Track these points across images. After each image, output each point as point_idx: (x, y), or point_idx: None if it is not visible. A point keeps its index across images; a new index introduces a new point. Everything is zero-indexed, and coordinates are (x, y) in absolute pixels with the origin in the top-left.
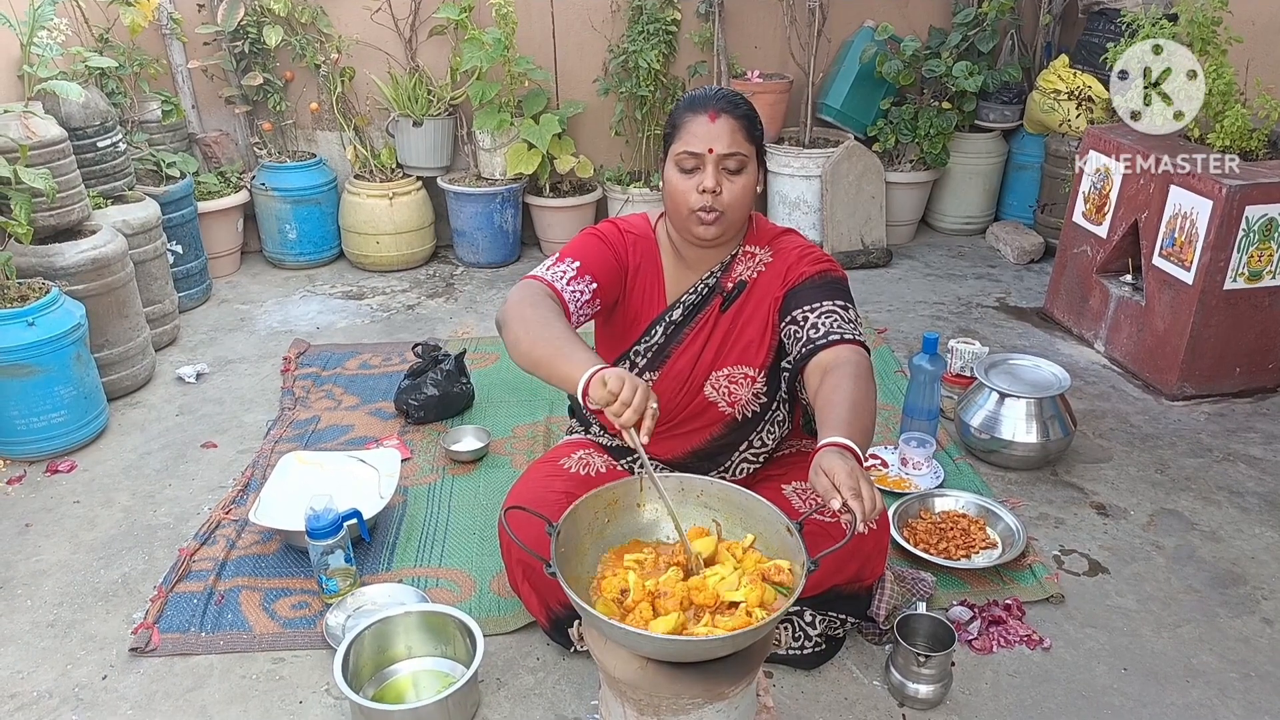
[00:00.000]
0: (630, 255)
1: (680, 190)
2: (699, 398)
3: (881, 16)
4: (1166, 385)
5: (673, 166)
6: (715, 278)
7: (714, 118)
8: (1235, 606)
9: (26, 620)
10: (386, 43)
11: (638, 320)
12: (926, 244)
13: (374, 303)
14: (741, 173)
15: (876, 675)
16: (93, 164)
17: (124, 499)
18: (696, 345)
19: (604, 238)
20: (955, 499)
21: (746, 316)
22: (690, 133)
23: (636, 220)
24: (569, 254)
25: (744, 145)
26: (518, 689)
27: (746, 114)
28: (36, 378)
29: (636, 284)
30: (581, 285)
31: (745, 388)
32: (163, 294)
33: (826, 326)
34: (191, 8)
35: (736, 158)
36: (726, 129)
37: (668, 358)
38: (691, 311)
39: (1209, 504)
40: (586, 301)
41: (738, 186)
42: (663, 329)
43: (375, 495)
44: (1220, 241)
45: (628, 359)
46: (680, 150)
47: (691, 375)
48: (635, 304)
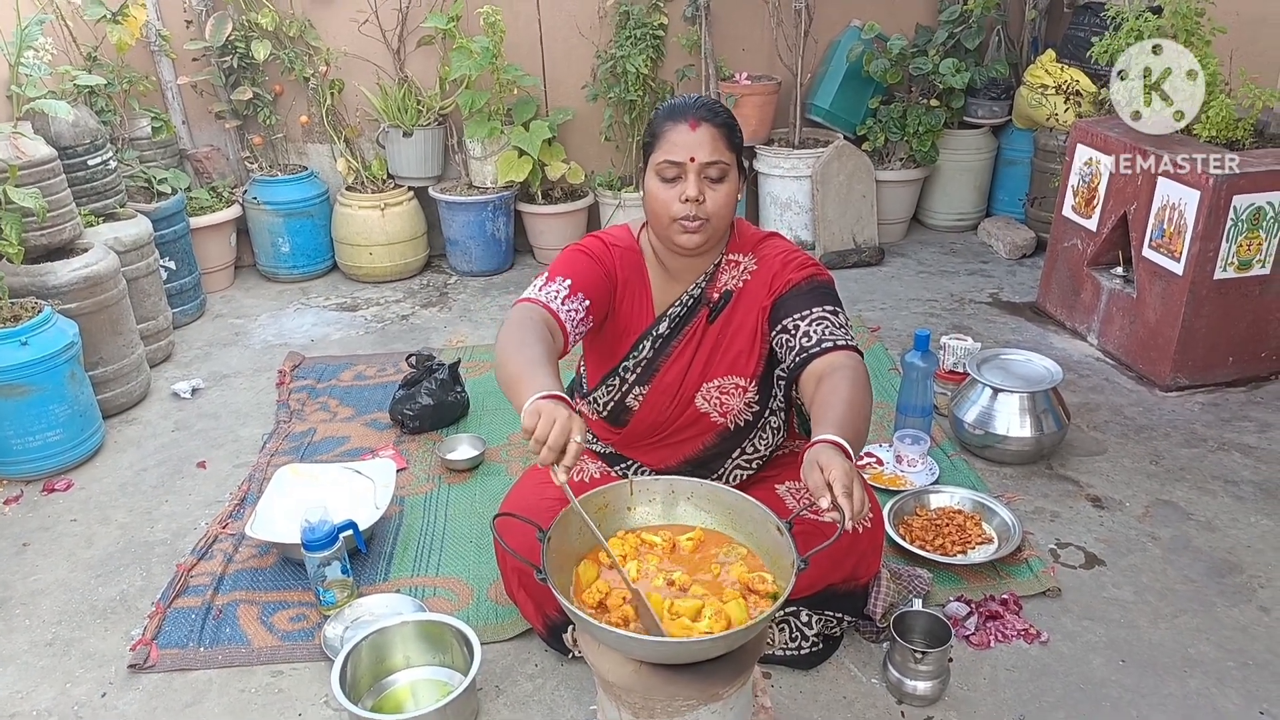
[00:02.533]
0: (618, 269)
1: (662, 200)
2: (690, 409)
3: (868, 15)
4: (1160, 376)
5: (654, 176)
6: (700, 289)
7: (695, 126)
8: (1232, 595)
9: (25, 640)
10: (375, 54)
11: (626, 334)
12: (919, 241)
13: (368, 314)
14: (723, 181)
15: (874, 673)
16: (83, 182)
17: (121, 516)
18: (685, 358)
19: (591, 254)
20: (950, 495)
21: (735, 327)
22: (671, 141)
23: (619, 233)
24: (559, 272)
25: (725, 153)
26: (516, 696)
27: (726, 122)
28: (31, 397)
29: (625, 297)
30: (575, 304)
31: (737, 398)
32: (156, 310)
33: (819, 334)
34: (179, 24)
35: (718, 166)
36: (708, 137)
37: (656, 371)
38: (678, 324)
39: (1204, 494)
40: (581, 319)
41: (720, 194)
42: (650, 343)
43: (371, 506)
44: (1209, 232)
45: (617, 374)
46: (661, 159)
47: (681, 388)
48: (624, 318)
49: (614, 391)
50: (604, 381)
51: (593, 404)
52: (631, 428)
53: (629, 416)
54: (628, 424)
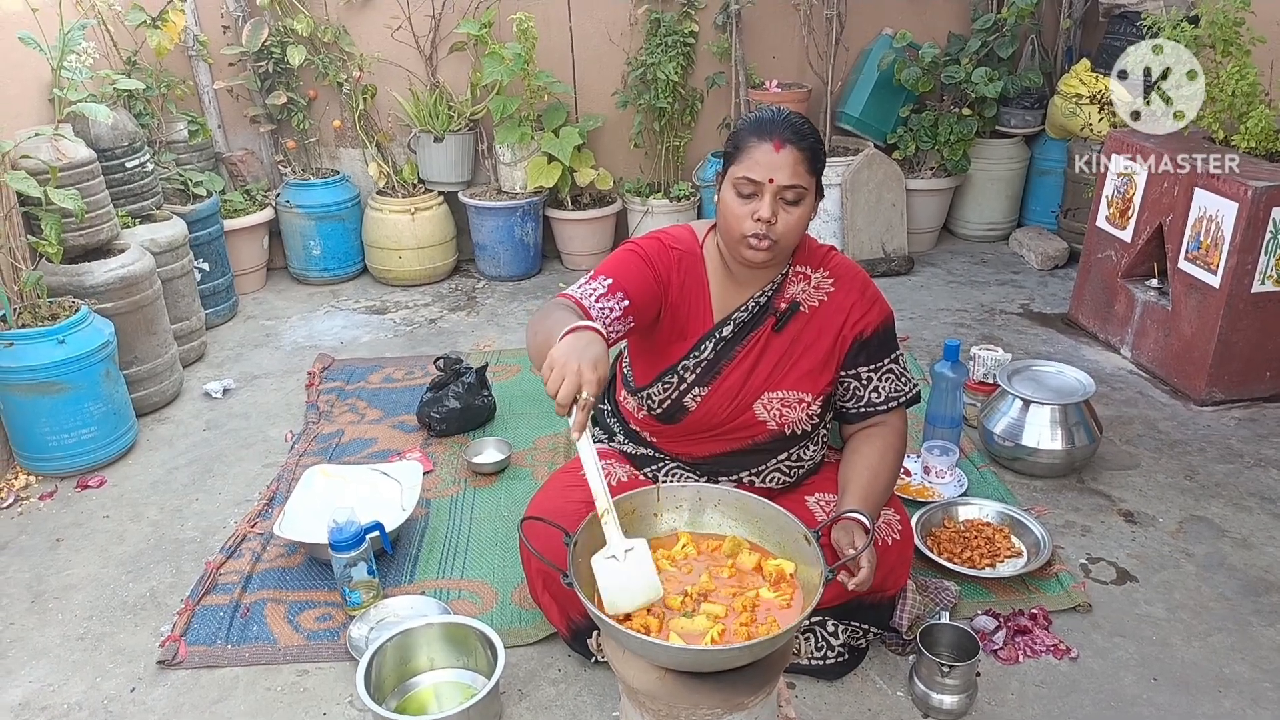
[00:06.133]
0: (674, 272)
1: (735, 214)
2: (747, 414)
3: (899, 24)
4: (1195, 390)
5: (730, 188)
6: (767, 296)
7: (779, 147)
8: (1268, 615)
9: (57, 634)
10: (407, 60)
11: (684, 336)
12: (949, 251)
13: (397, 317)
14: (799, 204)
15: (900, 686)
16: (121, 184)
17: (152, 513)
18: (748, 363)
19: (644, 253)
20: (979, 507)
21: (807, 343)
22: (753, 159)
23: (683, 234)
24: (603, 271)
25: (805, 178)
26: (539, 700)
27: (812, 145)
28: (67, 395)
29: (683, 300)
30: (611, 302)
31: (799, 411)
32: (190, 311)
33: (886, 392)
34: (217, 30)
35: (796, 190)
36: (790, 160)
37: (718, 374)
38: (743, 329)
39: (1240, 510)
40: (617, 318)
41: (793, 217)
42: (713, 345)
43: (398, 508)
44: (1247, 244)
45: (675, 373)
46: (740, 175)
47: (742, 392)
48: (681, 319)
49: (671, 390)
50: (660, 379)
51: (645, 400)
52: (684, 426)
53: (684, 416)
54: (680, 423)
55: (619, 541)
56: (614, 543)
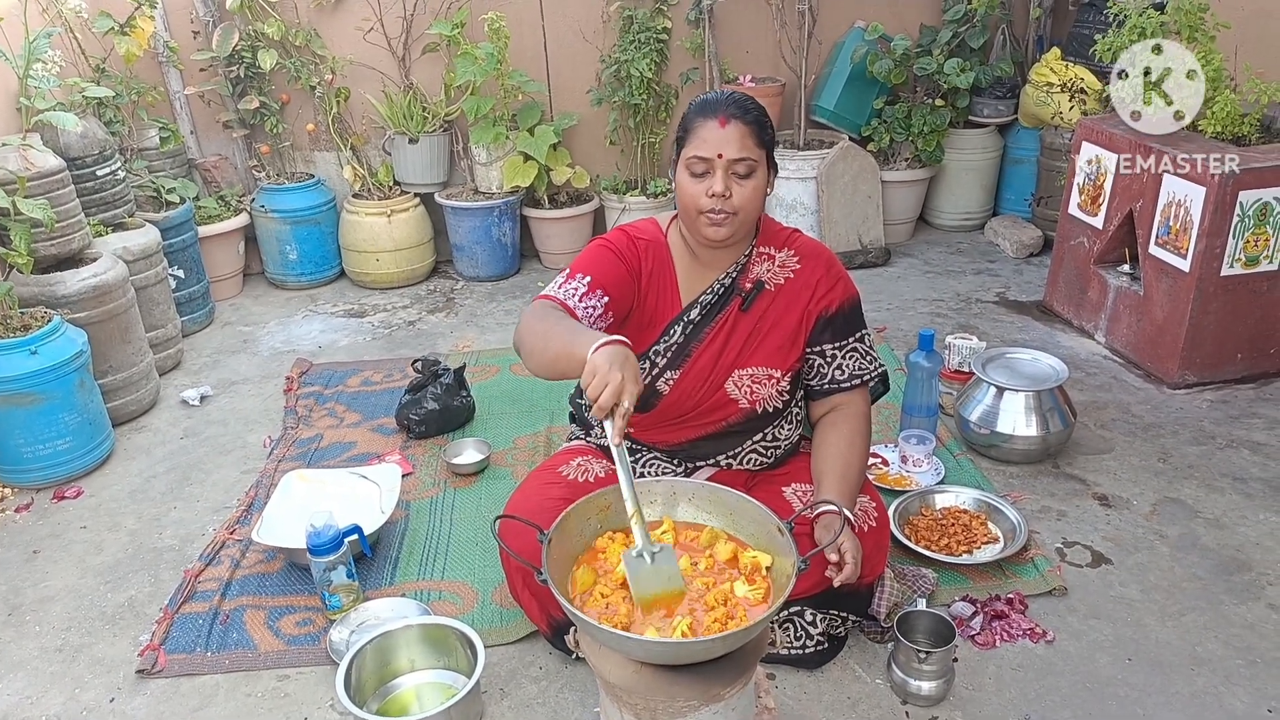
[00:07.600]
0: (643, 262)
1: (690, 193)
2: (719, 393)
3: (871, 16)
4: (1167, 374)
5: (683, 170)
6: (731, 277)
7: (724, 123)
8: (1240, 593)
9: (35, 646)
10: (380, 61)
11: (653, 323)
12: (925, 241)
13: (375, 320)
14: (751, 176)
15: (879, 673)
16: (92, 192)
17: (130, 523)
18: (718, 344)
19: (614, 247)
20: (956, 495)
21: (773, 320)
22: (700, 138)
23: (646, 226)
24: (579, 269)
25: (754, 150)
26: (521, 698)
27: (757, 119)
28: (41, 406)
29: (650, 289)
30: (594, 300)
31: (769, 387)
32: (165, 318)
33: (850, 369)
34: (187, 35)
35: (746, 162)
36: (736, 134)
37: (689, 356)
38: (710, 311)
39: (1212, 491)
40: (599, 316)
41: (747, 190)
42: (682, 328)
43: (377, 510)
44: (1215, 228)
45: (647, 359)
46: (691, 155)
47: (713, 373)
48: (650, 308)
49: (644, 376)
50: None
51: None
52: (659, 411)
53: (657, 401)
54: (655, 408)
55: (646, 543)
56: (642, 543)
